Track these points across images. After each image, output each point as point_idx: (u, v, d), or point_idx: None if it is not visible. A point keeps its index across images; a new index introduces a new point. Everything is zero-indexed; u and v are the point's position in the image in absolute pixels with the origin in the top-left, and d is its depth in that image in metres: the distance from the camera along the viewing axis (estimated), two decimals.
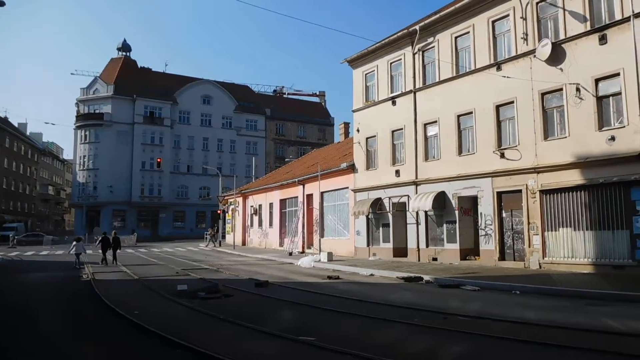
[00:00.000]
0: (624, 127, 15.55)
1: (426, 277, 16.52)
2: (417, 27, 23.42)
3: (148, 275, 19.71)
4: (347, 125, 41.16)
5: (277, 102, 79.58)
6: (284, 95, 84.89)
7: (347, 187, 28.20)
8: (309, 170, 33.78)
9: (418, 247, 22.90)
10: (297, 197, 34.60)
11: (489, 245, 19.61)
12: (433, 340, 8.20)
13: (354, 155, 27.80)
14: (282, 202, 37.58)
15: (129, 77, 65.73)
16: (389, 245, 24.72)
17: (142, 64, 74.86)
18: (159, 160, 53.20)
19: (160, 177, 64.58)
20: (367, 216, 25.77)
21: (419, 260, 22.58)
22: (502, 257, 19.17)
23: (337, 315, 10.56)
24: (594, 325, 8.98)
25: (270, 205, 39.45)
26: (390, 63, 25.55)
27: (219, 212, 47.10)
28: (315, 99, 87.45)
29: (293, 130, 77.35)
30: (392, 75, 25.50)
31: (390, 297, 13.12)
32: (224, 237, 46.92)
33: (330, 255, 24.30)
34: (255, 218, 42.43)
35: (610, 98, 16.15)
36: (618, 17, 15.91)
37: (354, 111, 28.04)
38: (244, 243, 43.70)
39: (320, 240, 29.50)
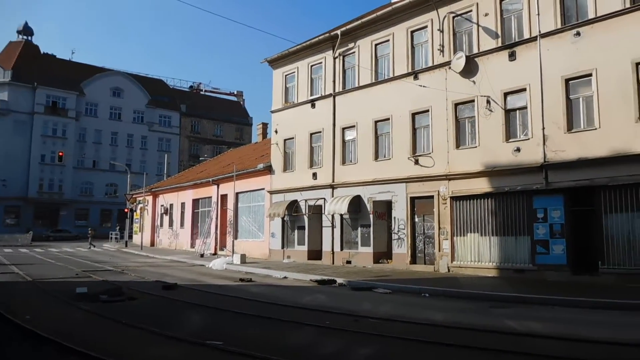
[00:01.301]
0: (529, 139, 16.54)
1: (339, 280, 16.57)
2: (338, 31, 23.58)
3: (43, 276, 18.16)
4: (265, 126, 40.74)
5: (193, 99, 77.20)
6: (201, 92, 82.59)
7: (263, 189, 27.81)
8: (225, 170, 33.04)
9: (333, 250, 22.98)
10: (211, 197, 33.68)
11: (401, 249, 20.06)
12: (343, 343, 8.19)
13: (272, 156, 27.47)
14: (195, 202, 36.51)
15: (29, 63, 60.68)
16: (304, 248, 24.62)
17: (46, 50, 69.56)
18: (60, 153, 49.40)
19: (62, 172, 60.27)
20: (282, 218, 25.52)
21: (333, 263, 22.66)
22: (413, 260, 19.68)
23: (247, 319, 10.32)
24: (496, 326, 9.39)
25: (182, 204, 38.20)
26: (311, 66, 25.54)
27: (126, 210, 44.85)
28: (233, 98, 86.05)
29: (209, 128, 75.45)
30: (313, 78, 25.50)
31: (303, 299, 13.05)
32: (130, 237, 44.74)
33: (243, 257, 23.82)
34: (166, 218, 40.88)
35: (517, 111, 17.13)
36: (526, 35, 16.92)
37: (272, 112, 27.75)
38: (152, 244, 41.96)
39: (233, 241, 28.83)
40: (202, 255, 29.15)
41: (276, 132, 27.28)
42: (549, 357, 7.09)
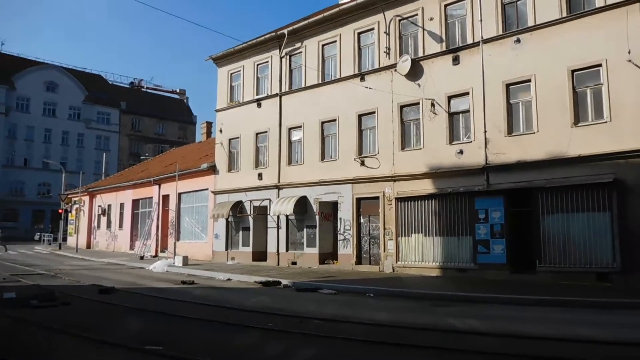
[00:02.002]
0: (471, 142, 16.98)
1: (284, 281, 16.39)
2: (285, 30, 23.38)
3: None
4: (209, 125, 39.95)
5: (134, 96, 74.60)
6: (143, 89, 79.96)
7: (207, 189, 27.17)
8: (167, 169, 32.11)
9: (278, 251, 22.74)
10: (152, 197, 32.59)
11: (347, 250, 20.10)
12: (287, 345, 8.06)
13: (216, 156, 26.90)
14: (135, 202, 35.25)
15: None
16: (249, 249, 24.22)
17: None
18: None
19: None
20: (226, 219, 25.01)
21: (278, 264, 22.42)
22: (358, 261, 19.76)
23: (188, 322, 9.92)
24: (438, 324, 9.52)
25: (122, 205, 36.80)
26: (257, 64, 25.20)
27: (60, 211, 42.70)
28: (176, 96, 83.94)
29: (151, 126, 73.12)
30: (259, 77, 25.17)
31: (247, 302, 12.78)
32: (65, 239, 42.62)
33: (185, 259, 23.17)
34: (104, 219, 39.26)
35: (461, 115, 17.58)
36: (470, 41, 17.38)
37: (217, 111, 27.19)
38: (88, 246, 40.18)
39: (175, 243, 27.99)
40: (142, 258, 28.14)
41: (221, 131, 26.73)
42: (487, 353, 7.21)
